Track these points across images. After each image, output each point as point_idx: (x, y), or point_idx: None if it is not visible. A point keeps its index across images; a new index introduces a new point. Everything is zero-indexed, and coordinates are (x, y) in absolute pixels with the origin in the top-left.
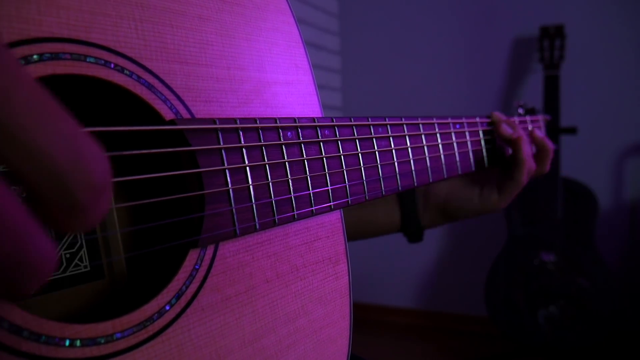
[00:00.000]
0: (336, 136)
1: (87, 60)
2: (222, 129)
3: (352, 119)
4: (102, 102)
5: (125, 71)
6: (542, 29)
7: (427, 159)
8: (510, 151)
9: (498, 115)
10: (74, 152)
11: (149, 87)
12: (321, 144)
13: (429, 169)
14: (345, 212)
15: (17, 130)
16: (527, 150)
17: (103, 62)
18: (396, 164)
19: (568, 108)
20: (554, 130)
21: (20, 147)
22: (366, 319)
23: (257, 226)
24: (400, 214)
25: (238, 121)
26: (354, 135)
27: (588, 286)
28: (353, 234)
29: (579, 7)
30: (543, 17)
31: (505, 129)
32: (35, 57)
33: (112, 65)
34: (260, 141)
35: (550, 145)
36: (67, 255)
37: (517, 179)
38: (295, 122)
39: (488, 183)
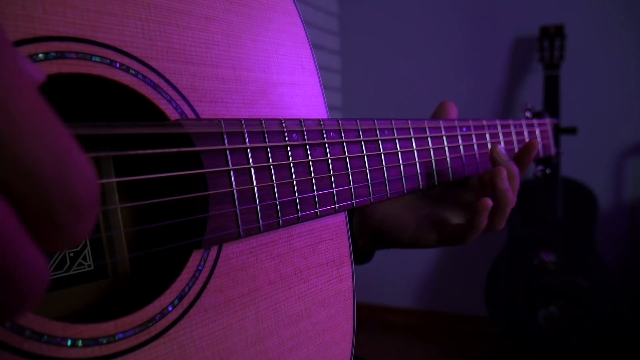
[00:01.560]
0: (342, 138)
1: (93, 59)
2: (227, 130)
3: (358, 121)
4: (108, 101)
5: (131, 71)
6: (542, 29)
7: (433, 161)
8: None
9: (499, 155)
10: (63, 169)
11: (155, 87)
12: (326, 145)
13: (435, 171)
14: None
15: (6, 137)
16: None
17: (109, 61)
18: (402, 166)
19: (568, 108)
20: (554, 130)
21: (7, 155)
22: (367, 319)
23: (261, 228)
24: None
25: (243, 122)
26: (360, 137)
27: (588, 286)
28: None
29: (579, 7)
30: (543, 17)
31: (502, 183)
32: (41, 55)
33: (118, 65)
34: (266, 142)
35: (509, 199)
36: (71, 254)
37: (465, 239)
38: (301, 123)
39: (429, 220)
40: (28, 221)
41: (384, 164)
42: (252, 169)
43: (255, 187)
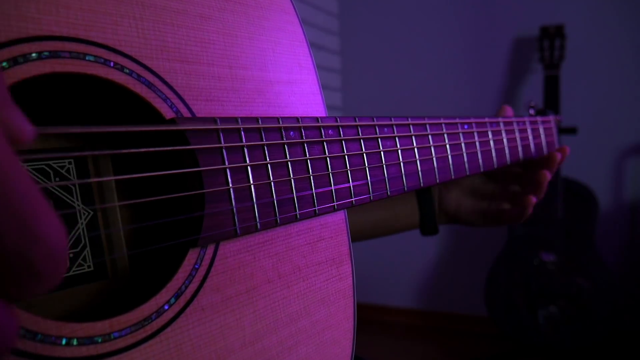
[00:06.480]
0: (340, 136)
1: (86, 58)
2: (222, 128)
3: (356, 119)
4: (102, 100)
5: (125, 70)
6: (542, 29)
7: (434, 159)
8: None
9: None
10: (22, 237)
11: (149, 85)
12: (324, 143)
13: (436, 169)
14: (367, 212)
15: None
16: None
17: (102, 60)
18: (402, 164)
19: (568, 108)
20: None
21: None
22: (367, 319)
23: (258, 226)
24: (420, 216)
25: (239, 120)
26: (359, 135)
27: (588, 286)
28: (371, 233)
29: (579, 7)
30: (543, 17)
31: (547, 175)
32: (34, 55)
33: (112, 64)
34: (262, 140)
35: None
36: (71, 255)
37: (520, 221)
38: (298, 121)
39: (491, 209)
40: (7, 281)
41: (383, 162)
42: (248, 167)
43: (252, 185)
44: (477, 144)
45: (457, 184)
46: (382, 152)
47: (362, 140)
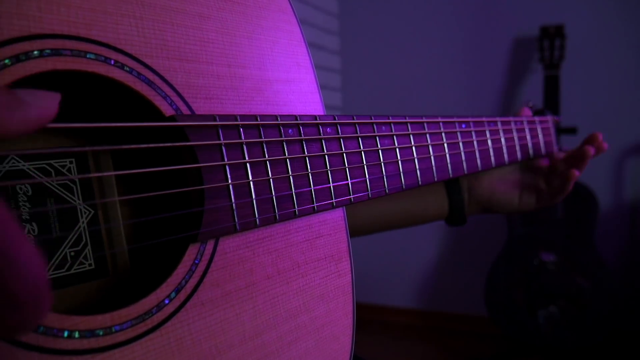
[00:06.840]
0: (338, 134)
1: (87, 56)
2: (222, 125)
3: (354, 117)
4: (103, 98)
5: (125, 68)
6: (542, 29)
7: (432, 158)
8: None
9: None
10: (11, 262)
11: (149, 83)
12: (323, 141)
13: (434, 168)
14: (397, 202)
15: None
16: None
17: (103, 58)
18: (400, 162)
19: (568, 108)
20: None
21: None
22: (367, 319)
23: (258, 222)
24: (449, 207)
25: (238, 118)
26: (357, 133)
27: (588, 286)
28: (400, 223)
29: (579, 7)
30: (543, 17)
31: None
32: (35, 52)
33: (112, 62)
34: (261, 138)
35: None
36: (72, 254)
37: (557, 200)
38: (297, 119)
39: (528, 189)
40: None
41: (381, 160)
42: (247, 164)
43: (251, 182)
44: (475, 143)
45: (489, 170)
46: (380, 150)
47: (360, 138)
